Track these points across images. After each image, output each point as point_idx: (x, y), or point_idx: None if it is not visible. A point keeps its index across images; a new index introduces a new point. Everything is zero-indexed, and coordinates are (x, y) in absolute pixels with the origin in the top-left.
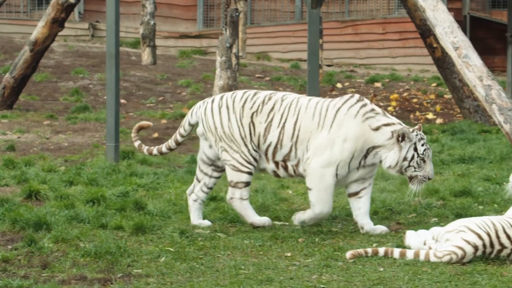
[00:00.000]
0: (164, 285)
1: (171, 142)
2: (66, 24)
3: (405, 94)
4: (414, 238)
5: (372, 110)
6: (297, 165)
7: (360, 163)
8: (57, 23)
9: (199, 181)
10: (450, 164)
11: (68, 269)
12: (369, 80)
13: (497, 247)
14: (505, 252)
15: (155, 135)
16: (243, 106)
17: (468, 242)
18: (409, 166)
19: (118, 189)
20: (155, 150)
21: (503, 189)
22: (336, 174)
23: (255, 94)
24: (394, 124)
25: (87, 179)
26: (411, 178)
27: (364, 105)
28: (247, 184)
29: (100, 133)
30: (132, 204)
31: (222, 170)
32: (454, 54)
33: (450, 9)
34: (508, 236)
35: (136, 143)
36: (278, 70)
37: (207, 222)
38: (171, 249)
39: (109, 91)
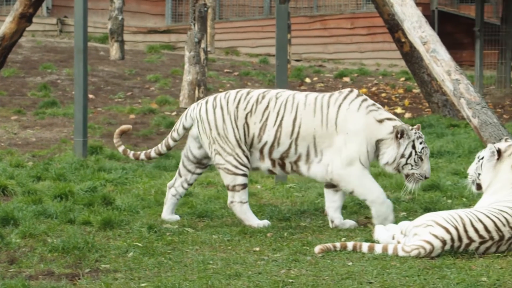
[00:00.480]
0: (132, 280)
1: (161, 147)
2: (34, 19)
3: (373, 88)
4: (383, 233)
5: (374, 104)
6: (296, 161)
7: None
8: (25, 18)
9: (181, 176)
10: None
11: (35, 265)
12: (337, 75)
13: (465, 241)
14: (473, 246)
15: None
16: (237, 107)
17: (436, 236)
18: (406, 163)
19: (86, 184)
20: (142, 155)
21: (463, 184)
22: (362, 164)
23: (248, 93)
24: (395, 119)
25: (55, 174)
26: (407, 176)
27: (365, 99)
28: (244, 186)
29: (68, 128)
30: (100, 199)
31: (205, 167)
32: (422, 48)
33: (418, 4)
34: (476, 230)
35: (121, 148)
36: (246, 65)
37: (176, 217)
38: (139, 244)
39: (77, 86)
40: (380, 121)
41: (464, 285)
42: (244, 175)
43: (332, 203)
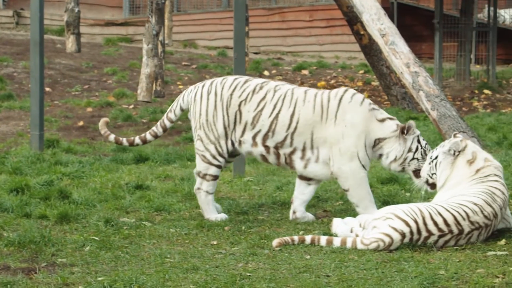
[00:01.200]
0: (88, 274)
1: (157, 129)
2: None
3: (332, 81)
4: (341, 226)
5: (373, 103)
6: (291, 153)
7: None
8: None
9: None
10: None
11: None
12: (296, 68)
13: (424, 234)
14: (432, 239)
15: (81, 123)
16: (231, 94)
17: (395, 229)
18: (413, 158)
19: (43, 178)
20: (137, 140)
21: (414, 187)
22: (363, 166)
23: (245, 81)
24: (394, 119)
25: (11, 167)
26: (415, 172)
27: (365, 98)
28: (215, 177)
29: (25, 121)
30: (57, 193)
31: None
32: (381, 41)
33: None
34: (435, 223)
35: (111, 137)
36: (205, 57)
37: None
38: (96, 238)
39: (34, 79)
40: (382, 120)
41: (422, 278)
42: (219, 166)
43: (301, 195)
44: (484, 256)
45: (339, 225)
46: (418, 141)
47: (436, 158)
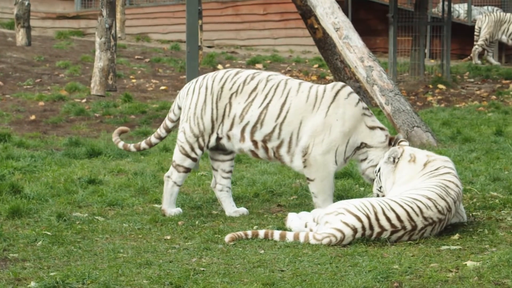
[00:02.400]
0: (41, 269)
1: (160, 131)
2: None
3: (286, 75)
4: (296, 220)
5: (367, 109)
6: (278, 146)
7: (350, 155)
8: None
9: (216, 170)
10: None
11: None
12: (250, 62)
13: (376, 229)
14: (384, 235)
15: (33, 117)
16: (222, 87)
17: (347, 225)
18: None
19: None
20: (143, 144)
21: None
22: (335, 161)
23: (236, 73)
24: (385, 129)
25: None
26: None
27: (361, 100)
28: (187, 170)
29: None
30: (8, 188)
31: (231, 151)
32: (335, 35)
33: None
34: (388, 219)
35: (120, 144)
36: (158, 51)
37: (244, 210)
38: (48, 233)
39: None
40: (372, 128)
41: (375, 272)
42: (195, 159)
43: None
44: (437, 250)
45: (293, 219)
46: None
47: (379, 170)
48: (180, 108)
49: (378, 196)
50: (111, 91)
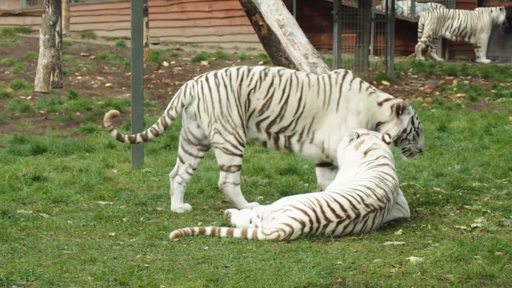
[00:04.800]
0: None
1: (158, 127)
2: None
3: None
4: (240, 217)
5: (369, 86)
6: (290, 136)
7: None
8: None
9: (183, 163)
10: None
11: None
12: (195, 59)
13: (323, 222)
14: (331, 227)
15: None
16: (240, 84)
17: (295, 219)
18: (405, 138)
19: None
20: (138, 138)
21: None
22: None
23: (249, 70)
24: (391, 99)
25: None
26: (404, 150)
27: (362, 81)
28: (239, 167)
29: None
30: None
31: (207, 148)
32: (279, 32)
33: None
34: (333, 210)
35: (114, 133)
36: (103, 48)
37: (188, 206)
38: None
39: None
40: (380, 103)
41: (319, 268)
42: (241, 155)
43: (327, 181)
44: (381, 246)
45: (237, 215)
46: (412, 122)
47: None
48: (183, 105)
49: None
50: (57, 88)
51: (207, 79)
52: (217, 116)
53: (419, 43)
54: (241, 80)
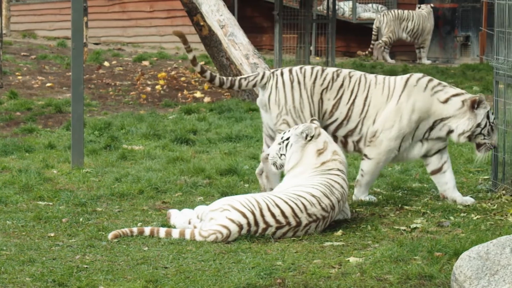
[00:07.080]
0: None
1: (226, 81)
2: None
3: (173, 72)
4: (179, 217)
5: (440, 83)
6: (358, 141)
7: (424, 135)
8: None
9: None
10: (217, 143)
11: None
12: (137, 59)
13: (262, 225)
14: (270, 231)
15: None
16: (314, 83)
17: (233, 221)
18: (480, 133)
19: None
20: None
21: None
22: (400, 147)
23: (323, 70)
24: (463, 93)
25: None
26: (479, 145)
27: (431, 80)
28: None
29: None
30: None
31: None
32: (220, 32)
33: None
34: (273, 215)
35: (190, 55)
36: (44, 48)
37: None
38: None
39: None
40: (445, 100)
41: (259, 269)
42: None
43: (445, 186)
44: (321, 246)
45: (177, 216)
46: (488, 117)
47: (287, 139)
48: (254, 86)
49: (275, 162)
50: None
51: (282, 74)
52: (289, 109)
53: (379, 42)
54: (315, 79)
